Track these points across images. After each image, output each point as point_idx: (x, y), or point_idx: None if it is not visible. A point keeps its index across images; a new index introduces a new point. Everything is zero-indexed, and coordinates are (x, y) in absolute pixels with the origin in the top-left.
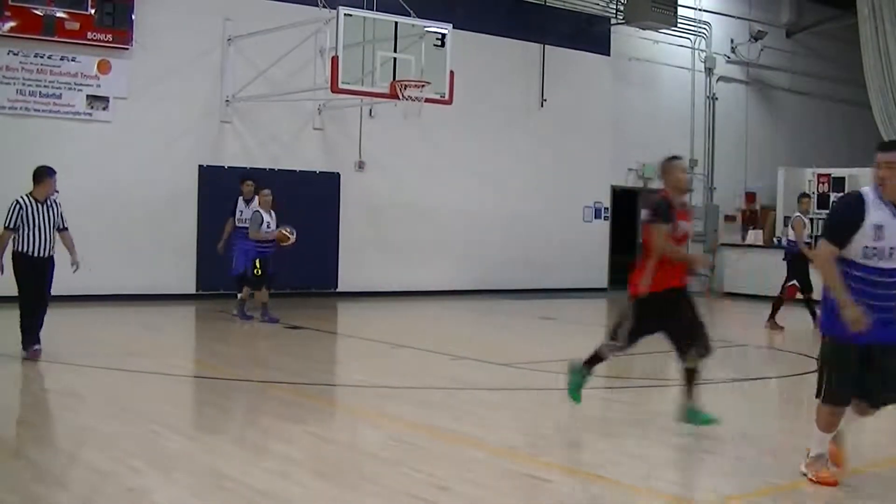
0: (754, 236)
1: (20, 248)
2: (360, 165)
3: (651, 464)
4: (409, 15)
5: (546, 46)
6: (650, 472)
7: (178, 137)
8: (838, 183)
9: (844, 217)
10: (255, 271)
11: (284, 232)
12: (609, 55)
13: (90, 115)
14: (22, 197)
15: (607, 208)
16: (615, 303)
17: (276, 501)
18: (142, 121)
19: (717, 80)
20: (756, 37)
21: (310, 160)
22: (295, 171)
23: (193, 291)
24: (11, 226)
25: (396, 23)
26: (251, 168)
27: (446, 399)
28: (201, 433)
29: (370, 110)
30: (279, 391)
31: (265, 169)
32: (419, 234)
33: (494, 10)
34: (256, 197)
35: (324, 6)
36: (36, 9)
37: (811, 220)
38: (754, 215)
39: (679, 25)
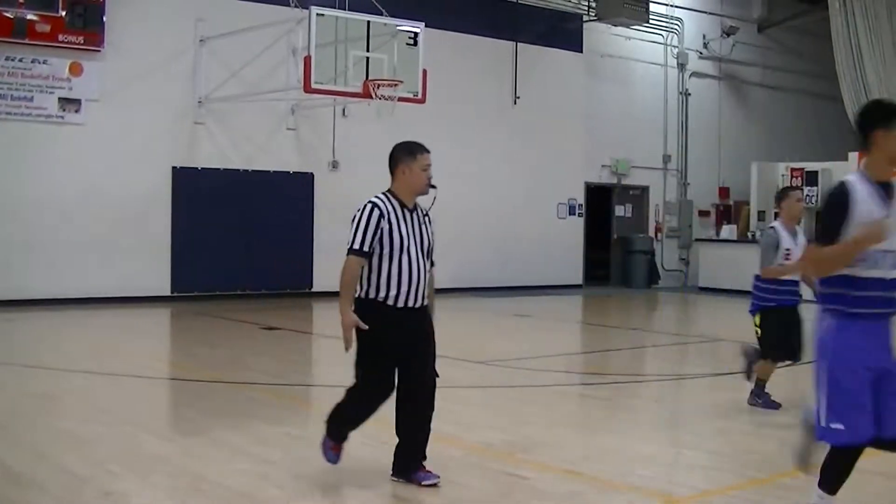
0: (729, 231)
1: (372, 293)
2: (334, 165)
3: (629, 459)
4: (381, 14)
5: (518, 44)
6: (628, 468)
7: (152, 139)
8: (811, 177)
9: None
10: (756, 330)
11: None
12: (581, 52)
13: (62, 117)
14: (379, 197)
15: (581, 205)
16: (590, 299)
17: (255, 503)
18: (115, 123)
19: (690, 75)
20: (728, 32)
21: (283, 160)
22: (269, 171)
23: (168, 293)
24: (366, 247)
25: (369, 22)
26: (224, 169)
27: None
28: (179, 435)
29: (343, 110)
30: (256, 392)
31: (239, 170)
32: None
33: (466, 9)
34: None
35: (296, 6)
36: (6, 11)
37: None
38: (728, 210)
39: (651, 21)
